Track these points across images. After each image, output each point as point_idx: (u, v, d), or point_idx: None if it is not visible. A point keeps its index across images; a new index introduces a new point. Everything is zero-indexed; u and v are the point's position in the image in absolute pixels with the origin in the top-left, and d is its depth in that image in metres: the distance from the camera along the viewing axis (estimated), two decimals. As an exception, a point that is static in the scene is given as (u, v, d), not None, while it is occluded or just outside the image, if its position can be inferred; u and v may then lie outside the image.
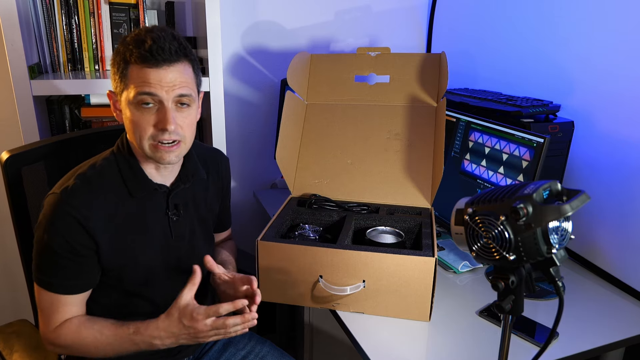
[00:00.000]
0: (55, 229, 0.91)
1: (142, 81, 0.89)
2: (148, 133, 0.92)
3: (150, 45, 0.88)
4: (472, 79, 1.81)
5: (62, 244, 0.91)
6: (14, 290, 1.87)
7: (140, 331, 0.93)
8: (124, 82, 0.92)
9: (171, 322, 0.92)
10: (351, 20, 1.94)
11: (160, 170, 1.01)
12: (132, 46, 0.89)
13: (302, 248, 1.11)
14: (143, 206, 1.00)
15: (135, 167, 0.99)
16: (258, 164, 1.98)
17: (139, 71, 0.90)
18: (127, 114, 0.93)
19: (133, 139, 0.95)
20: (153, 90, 0.89)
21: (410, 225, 1.28)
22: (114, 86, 0.96)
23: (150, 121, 0.92)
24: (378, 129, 1.41)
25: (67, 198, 0.91)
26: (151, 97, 0.90)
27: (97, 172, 0.96)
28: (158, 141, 0.92)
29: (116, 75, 0.93)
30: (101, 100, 1.48)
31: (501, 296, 0.73)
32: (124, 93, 0.92)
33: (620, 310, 1.16)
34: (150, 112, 0.92)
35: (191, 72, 0.95)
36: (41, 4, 1.44)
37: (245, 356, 1.19)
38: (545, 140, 1.16)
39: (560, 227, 0.68)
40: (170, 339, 0.93)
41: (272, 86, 1.91)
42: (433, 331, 1.08)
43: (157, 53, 0.88)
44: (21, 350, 1.02)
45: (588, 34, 1.32)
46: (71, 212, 0.90)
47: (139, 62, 0.89)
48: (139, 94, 0.90)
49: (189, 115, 0.96)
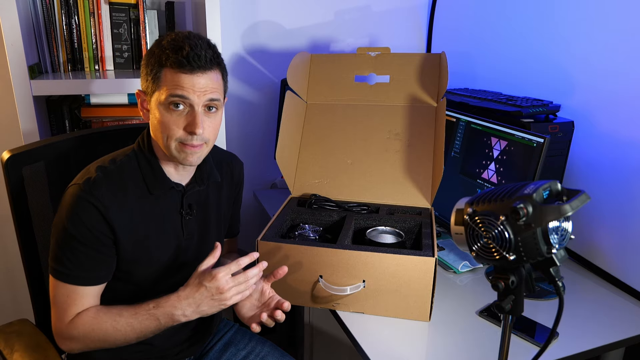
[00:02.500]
0: (79, 219, 0.92)
1: (176, 85, 0.92)
2: (177, 134, 0.95)
3: (188, 52, 0.91)
4: (472, 79, 1.81)
5: (85, 233, 0.92)
6: (14, 290, 1.87)
7: (160, 304, 0.94)
8: (156, 84, 0.94)
9: (192, 288, 0.93)
10: (351, 20, 1.94)
11: (179, 170, 1.03)
12: (169, 51, 0.92)
13: (302, 248, 1.11)
14: (159, 204, 1.02)
15: (155, 165, 1.01)
16: (258, 164, 1.98)
17: (173, 75, 0.92)
18: (157, 114, 0.95)
19: (159, 138, 0.97)
20: (186, 94, 0.92)
21: (410, 225, 1.28)
22: (144, 86, 0.98)
23: (180, 124, 0.94)
24: (378, 129, 1.41)
25: (89, 189, 0.93)
26: (183, 100, 0.93)
27: (117, 167, 0.98)
28: (185, 143, 0.95)
29: (149, 76, 0.95)
30: (101, 100, 1.48)
31: (501, 296, 0.73)
32: (155, 94, 0.95)
33: (620, 310, 1.16)
34: (180, 114, 0.94)
35: (221, 79, 0.99)
36: (41, 4, 1.44)
37: (245, 356, 1.19)
38: (545, 140, 1.16)
39: (560, 227, 0.68)
40: (192, 306, 0.93)
41: (272, 86, 1.91)
42: (433, 331, 1.08)
43: (193, 60, 0.91)
44: (21, 350, 1.02)
45: (588, 34, 1.32)
46: (93, 202, 0.92)
47: (175, 67, 0.91)
48: (171, 96, 0.92)
49: (216, 119, 0.99)
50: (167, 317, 0.94)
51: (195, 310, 0.94)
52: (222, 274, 0.92)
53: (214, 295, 0.92)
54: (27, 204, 1.10)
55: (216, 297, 0.93)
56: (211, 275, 0.92)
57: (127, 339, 0.96)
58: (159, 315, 0.94)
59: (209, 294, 0.92)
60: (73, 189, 0.94)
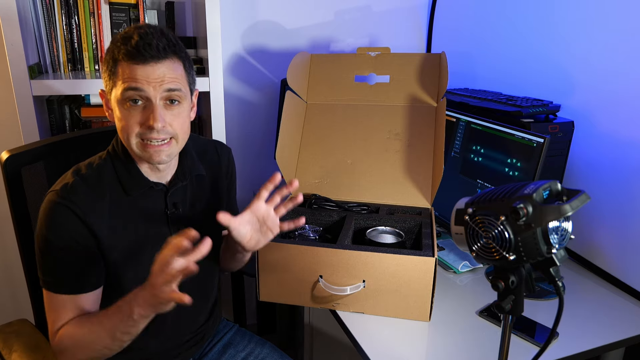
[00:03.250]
0: (57, 225, 0.90)
1: (129, 77, 0.87)
2: (135, 131, 0.90)
3: (137, 42, 0.86)
4: (472, 79, 1.81)
5: (66, 238, 0.90)
6: (14, 290, 1.87)
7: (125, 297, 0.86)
8: (112, 80, 0.90)
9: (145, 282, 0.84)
10: (351, 20, 1.94)
11: (154, 170, 1.00)
12: (120, 43, 0.88)
13: (302, 248, 1.11)
14: (141, 205, 0.99)
15: (130, 166, 0.97)
16: (258, 164, 1.98)
17: (126, 68, 0.88)
18: (117, 112, 0.91)
19: (122, 137, 0.94)
20: (140, 86, 0.87)
21: (410, 225, 1.28)
22: (104, 85, 0.94)
23: (138, 119, 0.90)
24: (378, 129, 1.41)
25: (66, 194, 0.91)
26: (138, 93, 0.88)
27: (94, 171, 0.96)
28: (147, 139, 0.90)
29: (105, 74, 0.92)
30: (101, 100, 1.48)
31: (501, 296, 0.73)
32: (113, 91, 0.91)
33: (620, 310, 1.16)
34: (137, 109, 0.89)
35: (181, 69, 0.93)
36: (41, 4, 1.44)
37: (245, 358, 1.19)
38: (545, 140, 1.16)
39: (560, 227, 0.68)
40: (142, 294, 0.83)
41: (272, 86, 1.91)
42: (433, 331, 1.08)
43: (144, 49, 0.86)
44: (20, 350, 1.02)
45: (588, 34, 1.32)
46: (70, 207, 0.90)
47: (127, 58, 0.87)
48: (125, 90, 0.88)
49: (180, 112, 0.93)
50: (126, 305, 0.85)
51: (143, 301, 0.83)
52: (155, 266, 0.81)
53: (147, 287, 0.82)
54: (26, 204, 1.10)
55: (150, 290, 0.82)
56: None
57: (104, 343, 0.89)
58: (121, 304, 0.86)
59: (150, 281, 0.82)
60: (50, 196, 0.91)
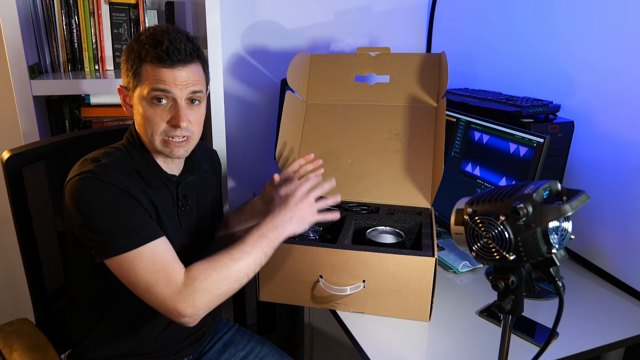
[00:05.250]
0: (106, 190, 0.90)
1: (157, 79, 0.92)
2: (160, 128, 0.95)
3: (167, 47, 0.91)
4: (472, 79, 1.81)
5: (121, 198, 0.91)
6: (14, 289, 1.87)
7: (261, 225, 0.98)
8: (137, 79, 0.94)
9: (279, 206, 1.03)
10: (351, 20, 1.94)
11: (168, 163, 1.04)
12: (149, 45, 0.92)
13: (302, 248, 1.11)
14: (158, 196, 1.01)
15: (149, 159, 1.01)
16: (258, 164, 1.98)
17: (154, 70, 0.92)
18: (140, 109, 0.96)
19: (144, 133, 0.98)
20: (167, 88, 0.92)
21: (410, 225, 1.28)
22: (125, 82, 0.98)
23: (164, 117, 0.95)
24: (378, 129, 1.41)
25: (103, 171, 0.91)
26: (165, 94, 0.93)
27: (115, 158, 0.97)
28: (169, 137, 0.96)
29: (129, 72, 0.95)
30: (101, 100, 1.48)
31: (501, 296, 0.73)
32: (137, 89, 0.95)
33: (620, 310, 1.16)
34: (163, 108, 0.95)
35: (202, 72, 0.99)
36: (41, 4, 1.44)
37: (245, 357, 1.19)
38: (545, 140, 1.16)
39: (560, 227, 0.68)
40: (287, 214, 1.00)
41: (272, 86, 1.91)
42: (433, 331, 1.08)
43: (173, 54, 0.91)
44: (21, 350, 1.02)
45: (588, 34, 1.32)
46: (112, 182, 0.91)
47: (155, 61, 0.92)
48: (153, 90, 0.92)
49: (199, 112, 1.00)
50: (272, 231, 0.98)
51: (292, 217, 1.00)
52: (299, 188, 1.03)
53: (300, 202, 1.02)
54: (27, 204, 1.10)
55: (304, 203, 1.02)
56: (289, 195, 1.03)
57: (247, 268, 0.94)
58: (265, 231, 0.97)
59: (296, 200, 1.02)
60: (84, 176, 0.90)
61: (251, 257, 0.94)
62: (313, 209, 1.04)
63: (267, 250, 0.97)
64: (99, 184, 0.90)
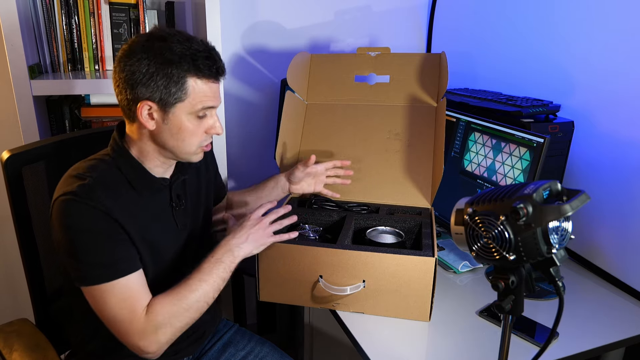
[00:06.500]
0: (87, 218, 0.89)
1: (206, 95, 0.96)
2: (201, 139, 0.99)
3: (217, 63, 0.96)
4: (472, 79, 1.81)
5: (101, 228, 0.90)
6: (14, 290, 1.87)
7: (216, 250, 1.02)
8: (181, 92, 0.92)
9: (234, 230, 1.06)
10: (351, 20, 1.94)
11: (163, 167, 1.03)
12: (199, 61, 0.93)
13: (302, 248, 1.11)
14: (151, 201, 1.01)
15: (138, 167, 1.00)
16: (258, 164, 1.98)
17: (203, 85, 0.95)
18: (185, 123, 0.96)
19: (178, 145, 0.97)
20: (216, 104, 0.98)
21: (410, 225, 1.28)
22: (158, 95, 0.92)
23: (204, 128, 0.99)
24: (378, 129, 1.41)
25: (85, 194, 0.89)
26: (213, 109, 0.99)
27: (101, 172, 0.95)
28: (204, 145, 1.01)
29: (165, 84, 0.91)
30: (101, 100, 1.48)
31: (501, 296, 0.73)
32: (180, 104, 0.93)
33: (620, 310, 1.16)
34: (205, 120, 0.99)
35: None
36: (41, 4, 1.44)
37: (245, 357, 1.19)
38: (545, 140, 1.16)
39: (560, 227, 0.68)
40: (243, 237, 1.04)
41: (272, 86, 1.91)
42: (433, 331, 1.08)
43: (217, 72, 0.96)
44: (21, 350, 1.02)
45: (588, 34, 1.32)
46: (96, 206, 0.89)
47: (205, 77, 0.94)
48: (206, 108, 0.96)
49: None
50: (227, 254, 1.01)
51: (246, 240, 1.04)
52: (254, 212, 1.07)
53: (255, 224, 1.06)
54: (27, 204, 1.10)
55: (260, 226, 1.06)
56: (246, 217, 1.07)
57: (206, 296, 0.97)
58: (220, 256, 1.00)
59: (252, 223, 1.06)
60: (67, 197, 0.89)
61: (209, 285, 0.97)
62: (268, 231, 1.07)
63: (224, 275, 1.00)
64: (81, 209, 0.89)
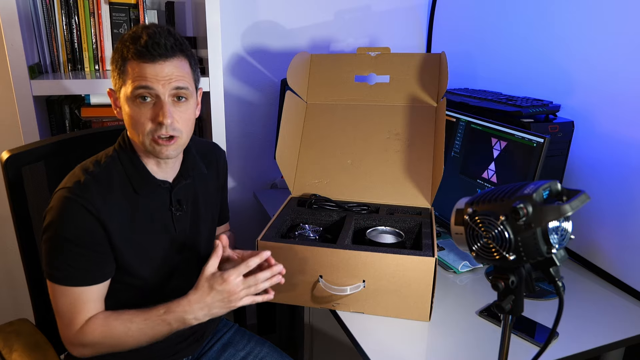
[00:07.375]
0: (70, 221, 0.91)
1: (139, 76, 0.91)
2: (147, 128, 0.93)
3: (146, 41, 0.89)
4: (472, 79, 1.81)
5: (80, 235, 0.92)
6: (14, 290, 1.87)
7: (171, 309, 0.93)
8: (122, 79, 0.94)
9: (202, 292, 0.93)
10: (351, 20, 1.94)
11: (162, 166, 1.02)
12: (129, 42, 0.91)
13: (302, 248, 1.11)
14: (148, 202, 1.01)
15: (138, 164, 1.00)
16: (258, 164, 1.98)
17: (135, 67, 0.91)
18: (126, 109, 0.94)
19: (133, 134, 0.96)
20: (149, 84, 0.90)
21: (410, 225, 1.28)
22: (113, 83, 0.97)
23: (148, 115, 0.93)
24: (378, 129, 1.41)
25: (79, 191, 0.92)
26: (148, 91, 0.91)
27: (103, 169, 0.97)
28: (157, 136, 0.93)
29: (115, 72, 0.95)
30: (101, 100, 1.48)
31: (501, 296, 0.73)
32: (122, 89, 0.94)
33: (620, 310, 1.16)
34: (147, 106, 0.92)
35: (188, 67, 0.96)
36: (41, 4, 1.44)
37: (244, 357, 1.19)
38: (545, 140, 1.16)
39: (560, 227, 0.68)
40: (203, 310, 0.93)
41: (272, 86, 1.91)
42: (433, 331, 1.08)
43: (152, 48, 0.89)
44: (20, 350, 1.02)
45: (588, 34, 1.32)
46: (85, 205, 0.91)
47: (136, 57, 0.90)
48: (136, 89, 0.91)
49: (187, 109, 0.96)
50: (178, 321, 0.93)
51: (206, 314, 0.94)
52: (233, 277, 0.91)
53: (224, 298, 0.93)
54: (27, 204, 1.10)
55: (227, 300, 0.93)
56: (222, 278, 0.91)
57: (139, 344, 0.95)
58: (171, 320, 0.93)
59: (220, 297, 0.92)
60: (62, 192, 0.92)
61: (146, 338, 0.95)
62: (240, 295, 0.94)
63: (166, 334, 0.95)
64: (72, 208, 0.91)
